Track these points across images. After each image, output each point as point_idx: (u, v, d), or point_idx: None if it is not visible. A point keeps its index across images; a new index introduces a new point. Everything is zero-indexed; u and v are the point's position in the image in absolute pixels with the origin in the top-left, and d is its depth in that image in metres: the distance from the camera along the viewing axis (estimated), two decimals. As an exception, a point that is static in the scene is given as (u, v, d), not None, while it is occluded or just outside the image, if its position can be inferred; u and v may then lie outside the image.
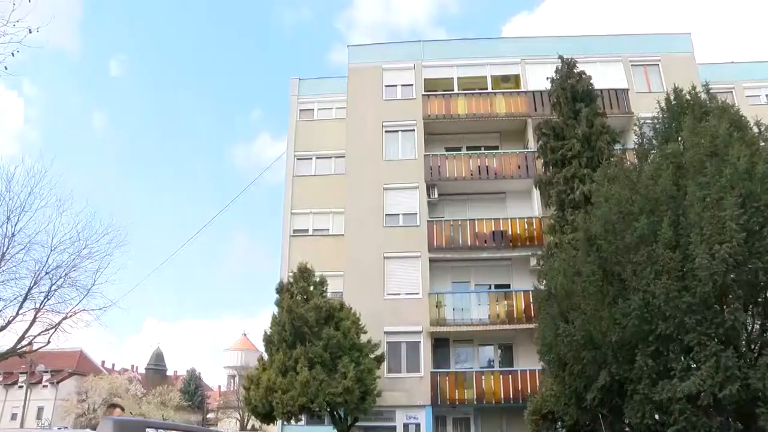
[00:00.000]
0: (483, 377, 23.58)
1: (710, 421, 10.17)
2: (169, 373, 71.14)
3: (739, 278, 9.96)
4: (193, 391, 60.79)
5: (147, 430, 6.07)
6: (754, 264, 9.84)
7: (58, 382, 53.28)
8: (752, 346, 10.82)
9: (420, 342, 24.03)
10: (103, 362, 63.02)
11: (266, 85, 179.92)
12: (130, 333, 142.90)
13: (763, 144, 12.19)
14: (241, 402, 37.92)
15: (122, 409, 9.10)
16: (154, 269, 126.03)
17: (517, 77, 28.60)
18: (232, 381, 66.02)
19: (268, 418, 20.45)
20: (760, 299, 10.81)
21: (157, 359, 70.49)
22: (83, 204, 63.09)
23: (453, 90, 28.33)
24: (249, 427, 50.80)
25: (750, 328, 10.85)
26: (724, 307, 10.22)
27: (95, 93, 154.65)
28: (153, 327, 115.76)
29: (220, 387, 72.19)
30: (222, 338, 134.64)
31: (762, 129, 12.75)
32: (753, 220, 9.90)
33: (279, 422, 22.28)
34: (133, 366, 67.01)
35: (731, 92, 28.60)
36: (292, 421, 20.30)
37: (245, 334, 74.04)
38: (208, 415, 60.46)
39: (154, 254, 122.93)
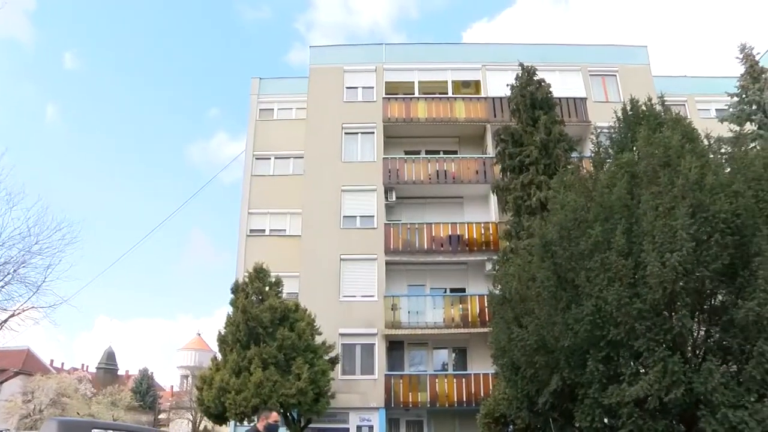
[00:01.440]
0: (437, 380, 23.70)
1: (656, 424, 10.41)
2: (121, 372, 69.71)
3: (687, 286, 10.20)
4: (145, 391, 59.65)
5: (94, 431, 5.95)
6: (701, 272, 10.10)
7: (1, 382, 51.67)
8: (697, 352, 11.09)
9: (375, 344, 24.04)
10: (52, 361, 61.33)
11: (224, 84, 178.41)
12: (81, 331, 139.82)
13: (712, 156, 12.54)
14: (194, 402, 37.40)
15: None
16: (106, 267, 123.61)
17: (477, 83, 28.86)
18: (185, 381, 65.03)
19: (220, 419, 20.23)
20: (706, 306, 11.10)
21: (109, 358, 69.02)
22: (35, 199, 61.26)
23: (414, 94, 28.44)
24: (201, 428, 50.11)
25: (696, 334, 11.13)
26: (673, 313, 10.45)
27: (48, 85, 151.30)
28: (105, 325, 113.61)
29: (172, 387, 70.98)
30: (176, 337, 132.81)
31: (711, 142, 13.14)
32: (702, 229, 10.14)
33: (232, 423, 22.06)
34: (83, 365, 65.45)
35: (684, 105, 29.38)
36: (245, 422, 20.08)
37: (199, 334, 73.08)
38: (160, 416, 59.37)
39: (108, 251, 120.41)
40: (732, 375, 10.26)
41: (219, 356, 20.73)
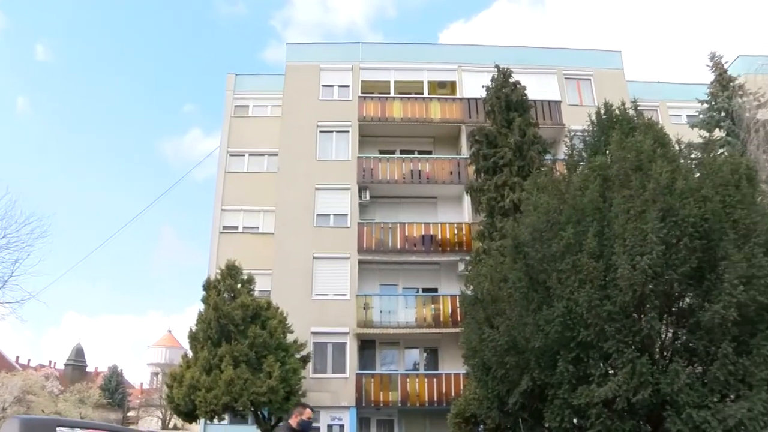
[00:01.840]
0: (408, 380, 23.76)
1: (623, 424, 10.54)
2: (90, 369, 68.88)
3: (656, 288, 10.35)
4: (114, 389, 58.95)
5: (58, 429, 5.82)
6: (670, 275, 10.26)
7: (-36, 380, 50.75)
8: (664, 353, 11.26)
9: (346, 343, 24.03)
10: (18, 358, 60.45)
11: (199, 79, 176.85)
12: (50, 327, 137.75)
13: (682, 161, 12.74)
14: (164, 400, 37.05)
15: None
16: (76, 262, 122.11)
17: (453, 84, 28.96)
18: (155, 378, 64.45)
19: (190, 416, 20.07)
20: (674, 309, 11.28)
21: (77, 355, 68.10)
22: (3, 191, 60.25)
23: (389, 93, 28.46)
24: (171, 426, 49.69)
25: (664, 336, 11.30)
26: (642, 315, 10.60)
27: (19, 76, 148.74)
28: (74, 321, 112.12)
29: (142, 384, 70.26)
30: (146, 334, 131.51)
31: (682, 147, 13.34)
32: (671, 233, 10.30)
33: (202, 421, 21.91)
34: (51, 362, 64.56)
35: (656, 110, 29.82)
36: (215, 420, 19.98)
37: (170, 331, 72.67)
38: (129, 414, 58.75)
39: (78, 246, 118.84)
40: (697, 376, 10.44)
41: (190, 353, 20.57)
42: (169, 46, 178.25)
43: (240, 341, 19.06)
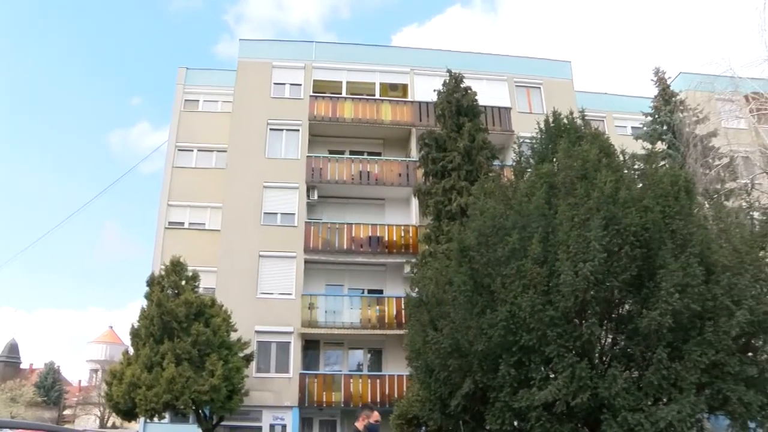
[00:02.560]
0: (351, 380, 23.72)
1: (562, 427, 10.78)
2: (25, 366, 66.87)
3: (597, 295, 10.61)
4: (50, 386, 57.30)
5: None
6: (611, 282, 10.54)
7: None
8: (603, 358, 11.56)
9: (290, 343, 23.85)
10: (-55, 355, 58.40)
11: (149, 72, 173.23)
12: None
13: (626, 171, 13.10)
14: (103, 398, 36.18)
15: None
16: (13, 255, 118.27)
17: (405, 86, 29.03)
18: (94, 376, 62.88)
19: (130, 415, 19.62)
20: (613, 315, 11.58)
21: (11, 351, 66.04)
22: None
23: (341, 94, 28.36)
24: (109, 425, 48.57)
25: (603, 341, 11.59)
26: (583, 321, 10.84)
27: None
28: (8, 316, 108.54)
29: (80, 382, 68.44)
30: (86, 330, 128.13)
31: (626, 158, 13.71)
32: (613, 241, 10.57)
33: (141, 420, 21.45)
34: (-20, 359, 62.52)
35: (603, 121, 30.53)
36: (155, 419, 19.57)
37: (111, 327, 71.03)
38: (66, 412, 57.15)
39: (18, 238, 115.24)
40: (633, 380, 10.77)
41: (131, 350, 20.13)
42: (119, 36, 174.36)
43: (183, 339, 18.74)
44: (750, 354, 11.36)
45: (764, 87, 16.89)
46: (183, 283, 20.18)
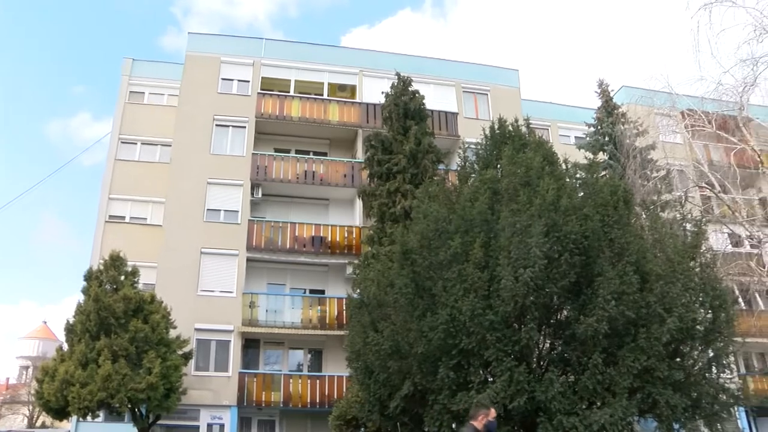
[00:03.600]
0: (291, 380, 23.59)
1: (499, 430, 10.90)
2: (-54, 362, 64.23)
3: (537, 301, 10.79)
4: (-26, 384, 55.19)
5: None
6: (550, 288, 10.75)
7: None
8: (541, 363, 11.78)
9: (230, 341, 23.56)
10: None
11: (91, 61, 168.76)
12: None
13: (568, 180, 13.38)
14: (32, 396, 34.98)
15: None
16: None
17: (353, 87, 29.04)
18: (24, 373, 60.74)
19: (61, 414, 19.04)
20: (552, 321, 11.82)
21: (-67, 346, 63.39)
22: None
23: (289, 92, 28.18)
24: (38, 424, 46.95)
25: (541, 346, 11.81)
26: (522, 326, 11.01)
27: None
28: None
29: (8, 379, 65.98)
30: (17, 325, 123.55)
31: (569, 167, 14.01)
32: (554, 248, 10.79)
33: (74, 419, 20.89)
34: None
35: (548, 129, 31.21)
36: (89, 418, 19.05)
37: (45, 322, 68.80)
38: (-11, 410, 55.09)
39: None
40: (569, 385, 11.00)
41: (65, 347, 19.57)
42: (62, 21, 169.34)
43: (120, 335, 18.30)
44: (678, 359, 11.77)
45: (698, 105, 17.49)
46: (122, 278, 19.75)
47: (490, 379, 11.09)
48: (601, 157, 25.60)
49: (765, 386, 25.63)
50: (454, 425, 11.64)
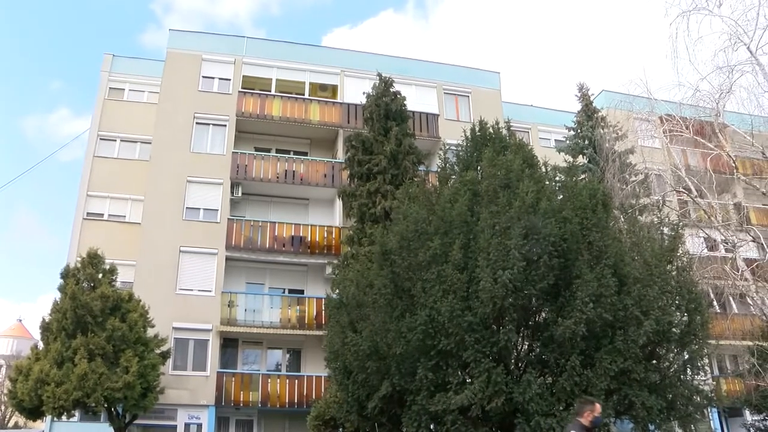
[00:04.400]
0: (269, 380, 23.50)
1: (477, 431, 10.98)
2: None
3: (515, 302, 10.86)
4: (-56, 383, 54.24)
5: None
6: (529, 290, 10.81)
7: None
8: (519, 364, 11.86)
9: (209, 340, 23.41)
10: None
11: (70, 56, 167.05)
12: None
13: (548, 183, 13.48)
14: (5, 396, 34.50)
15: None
16: None
17: (334, 87, 29.00)
18: (-2, 372, 59.93)
19: (35, 413, 18.75)
20: (530, 322, 11.89)
21: None
22: None
23: (270, 91, 28.08)
24: (11, 425, 46.30)
25: (519, 348, 11.88)
26: (500, 327, 11.07)
27: None
28: None
29: (-20, 379, 65.21)
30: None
31: (548, 169, 14.10)
32: (533, 250, 10.87)
33: (48, 419, 20.62)
34: None
35: (528, 132, 31.40)
36: (64, 417, 18.83)
37: (20, 320, 68.00)
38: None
39: None
40: (547, 386, 11.07)
41: (41, 345, 19.32)
42: (41, 16, 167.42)
43: (97, 334, 18.08)
44: (654, 361, 11.91)
45: (676, 110, 17.67)
46: (100, 276, 19.52)
47: (469, 380, 11.14)
48: (581, 160, 25.80)
49: (737, 387, 25.93)
50: (432, 426, 11.69)
